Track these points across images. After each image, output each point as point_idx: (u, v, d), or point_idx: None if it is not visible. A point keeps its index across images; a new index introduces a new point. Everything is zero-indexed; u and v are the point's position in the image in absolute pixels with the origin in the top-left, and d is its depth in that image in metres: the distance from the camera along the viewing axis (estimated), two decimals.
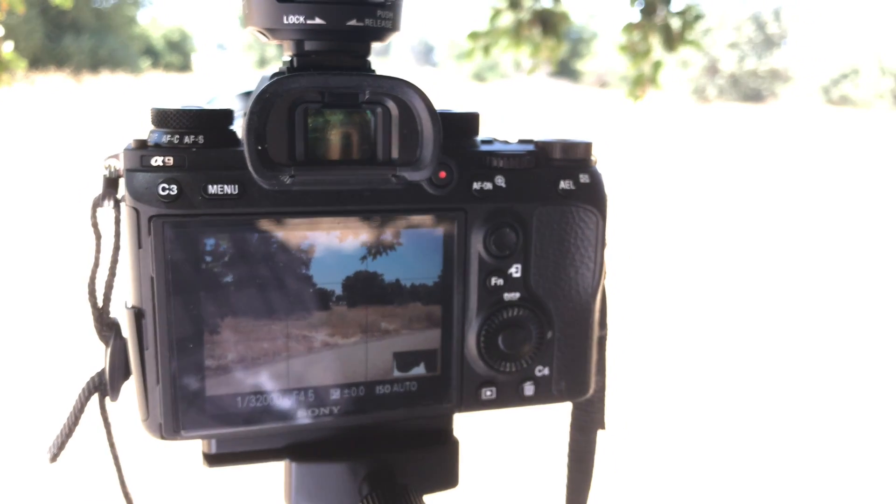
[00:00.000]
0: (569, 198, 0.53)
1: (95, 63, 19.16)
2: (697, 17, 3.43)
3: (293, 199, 0.47)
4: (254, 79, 0.76)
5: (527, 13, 3.50)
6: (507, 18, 3.52)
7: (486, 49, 3.62)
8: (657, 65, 3.46)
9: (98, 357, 0.51)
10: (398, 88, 0.46)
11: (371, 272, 0.50)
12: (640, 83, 3.42)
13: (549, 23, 3.50)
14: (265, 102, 0.44)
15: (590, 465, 0.66)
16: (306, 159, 0.47)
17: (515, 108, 16.02)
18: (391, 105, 0.47)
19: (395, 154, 0.48)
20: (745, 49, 31.47)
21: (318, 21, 0.46)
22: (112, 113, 12.18)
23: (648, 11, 3.36)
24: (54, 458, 0.51)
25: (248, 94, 0.74)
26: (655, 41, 3.36)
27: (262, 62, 36.31)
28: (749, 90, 31.00)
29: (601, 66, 35.60)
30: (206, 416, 0.49)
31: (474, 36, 3.68)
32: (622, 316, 4.26)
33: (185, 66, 28.87)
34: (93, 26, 20.31)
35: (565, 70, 34.69)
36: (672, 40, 3.28)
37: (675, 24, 3.35)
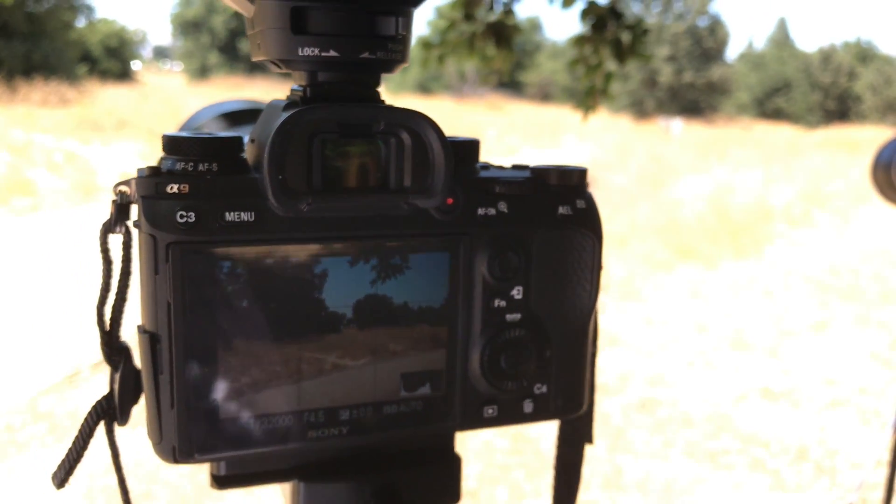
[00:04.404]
0: (567, 222, 0.55)
1: (28, 69, 18.57)
2: (646, 31, 3.50)
3: (307, 226, 0.48)
4: (246, 104, 0.76)
5: (480, 25, 3.52)
6: (460, 30, 3.53)
7: (441, 59, 3.63)
8: (608, 77, 3.52)
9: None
10: (412, 120, 0.48)
11: (381, 295, 0.50)
12: (591, 95, 3.47)
13: (502, 35, 3.53)
14: (286, 133, 0.46)
15: (577, 479, 0.67)
16: (323, 187, 0.48)
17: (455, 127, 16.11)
18: (405, 136, 0.49)
19: (407, 182, 0.49)
20: (683, 62, 32.31)
21: (332, 53, 0.47)
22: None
23: (599, 25, 3.41)
24: (62, 483, 0.50)
25: (231, 115, 0.75)
26: (606, 54, 3.41)
27: (204, 70, 35.81)
28: (687, 103, 31.82)
29: (544, 78, 36.16)
30: (219, 439, 0.49)
31: (427, 46, 3.68)
32: None
33: (123, 74, 28.26)
34: (26, 31, 19.69)
35: (509, 82, 35.11)
36: (623, 53, 3.34)
37: (626, 37, 3.41)
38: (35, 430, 3.43)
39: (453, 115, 18.53)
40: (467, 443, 3.39)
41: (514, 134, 16.94)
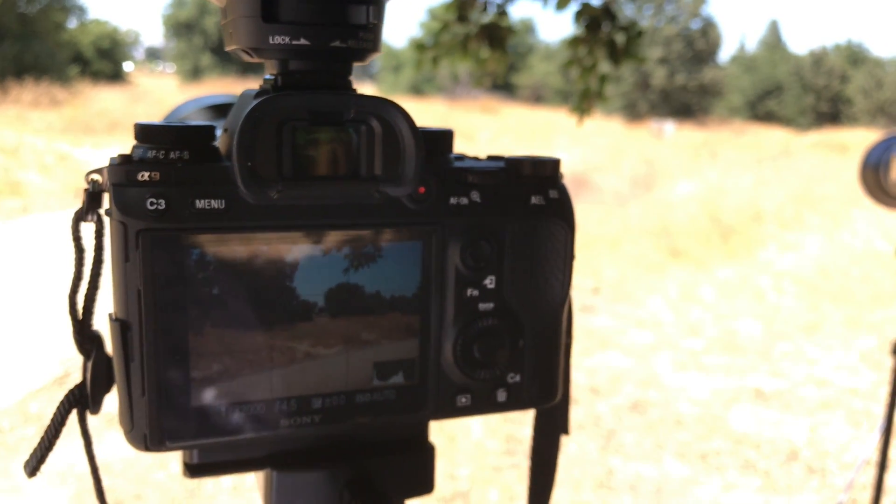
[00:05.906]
0: (540, 212, 0.55)
1: (19, 70, 18.48)
2: (640, 33, 3.50)
3: (278, 214, 0.48)
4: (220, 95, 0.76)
5: (474, 27, 3.51)
6: (454, 32, 3.53)
7: (435, 61, 3.63)
8: (603, 78, 3.52)
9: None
10: (382, 108, 0.48)
11: (353, 284, 0.51)
12: (586, 97, 3.47)
13: (495, 37, 3.53)
14: (255, 120, 0.46)
15: (552, 468, 0.68)
16: (293, 175, 0.48)
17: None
18: (375, 124, 0.49)
19: (377, 170, 0.49)
20: (676, 65, 32.40)
21: (302, 42, 0.47)
22: None
23: (593, 26, 3.41)
24: (33, 472, 0.50)
25: (213, 107, 0.74)
26: (601, 55, 3.41)
27: (196, 71, 35.73)
28: (679, 105, 31.90)
29: (537, 80, 36.21)
30: (190, 427, 0.48)
31: (421, 48, 3.68)
32: None
33: (115, 75, 28.18)
34: (17, 32, 19.60)
35: (502, 84, 35.13)
36: (617, 54, 3.34)
37: (620, 38, 3.41)
38: (25, 433, 3.41)
39: (446, 118, 18.53)
40: (458, 443, 3.39)
41: (507, 136, 16.95)
